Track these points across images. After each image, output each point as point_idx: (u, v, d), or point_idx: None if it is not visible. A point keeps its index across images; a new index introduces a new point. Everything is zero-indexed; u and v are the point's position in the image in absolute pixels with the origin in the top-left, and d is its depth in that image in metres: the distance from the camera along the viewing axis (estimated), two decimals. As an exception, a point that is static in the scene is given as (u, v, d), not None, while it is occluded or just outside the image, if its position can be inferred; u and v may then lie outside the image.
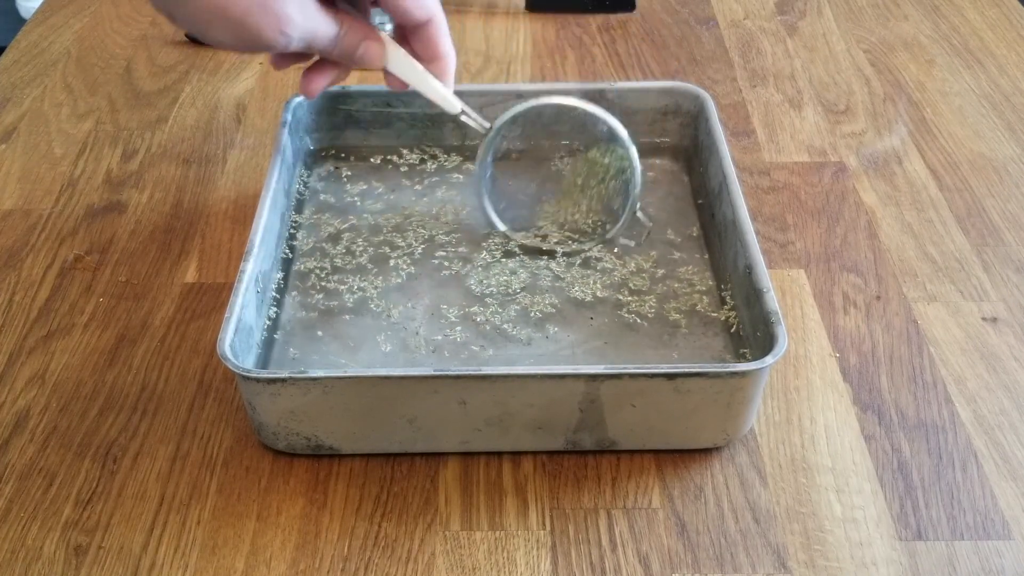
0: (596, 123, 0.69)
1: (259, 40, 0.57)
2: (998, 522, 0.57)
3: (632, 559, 0.55)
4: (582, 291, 0.68)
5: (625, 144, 0.69)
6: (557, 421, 0.58)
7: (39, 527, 0.57)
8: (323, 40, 0.60)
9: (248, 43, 0.57)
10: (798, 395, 0.64)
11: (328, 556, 0.55)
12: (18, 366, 0.66)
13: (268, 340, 0.65)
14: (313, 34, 0.59)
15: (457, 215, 0.75)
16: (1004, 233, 0.76)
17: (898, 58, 0.96)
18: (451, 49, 0.64)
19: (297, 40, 0.58)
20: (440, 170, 0.79)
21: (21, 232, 0.76)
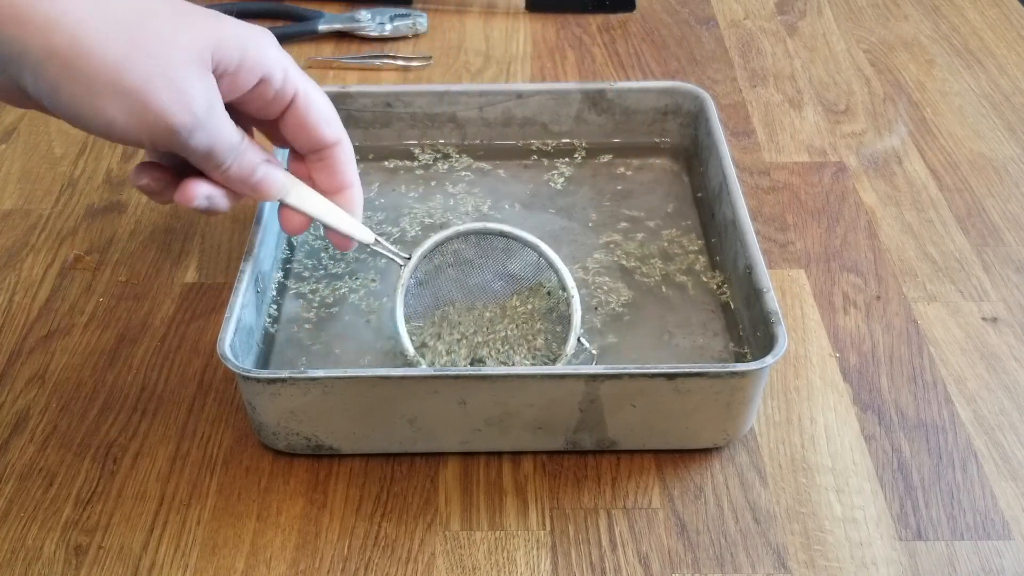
0: (523, 249, 0.63)
1: (160, 120, 0.48)
2: (998, 522, 0.57)
3: (632, 559, 0.55)
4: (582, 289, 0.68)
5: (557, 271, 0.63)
6: (557, 421, 0.58)
7: (39, 527, 0.57)
8: (225, 144, 0.51)
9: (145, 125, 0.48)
10: (798, 395, 0.64)
11: (328, 556, 0.55)
12: (18, 366, 0.66)
13: (268, 340, 0.65)
14: (218, 130, 0.51)
15: (456, 215, 0.75)
16: (1004, 233, 0.76)
17: (898, 58, 0.96)
18: (358, 177, 0.58)
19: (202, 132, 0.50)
20: (441, 169, 0.79)
21: (21, 232, 0.76)
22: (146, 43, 0.47)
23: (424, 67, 0.95)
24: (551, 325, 0.63)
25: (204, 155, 0.51)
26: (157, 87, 0.47)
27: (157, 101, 0.47)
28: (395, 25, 0.98)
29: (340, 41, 0.98)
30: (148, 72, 0.47)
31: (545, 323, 0.63)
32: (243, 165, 0.53)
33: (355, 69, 0.95)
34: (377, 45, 0.98)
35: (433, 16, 1.02)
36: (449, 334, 0.62)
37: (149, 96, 0.47)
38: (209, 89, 0.49)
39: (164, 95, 0.48)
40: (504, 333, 0.62)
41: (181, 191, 0.54)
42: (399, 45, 0.98)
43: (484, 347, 0.62)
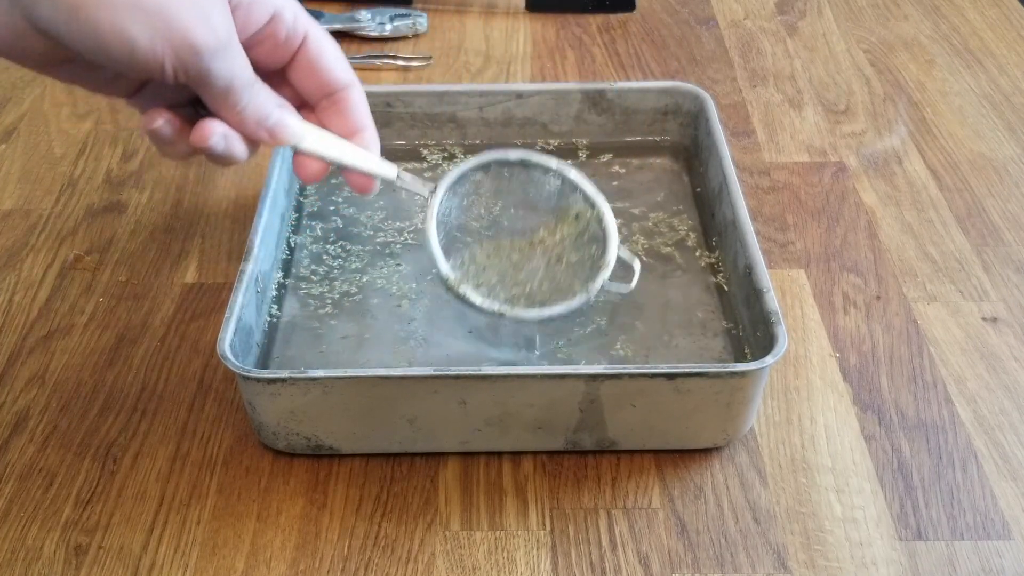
0: (548, 175, 0.62)
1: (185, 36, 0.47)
2: (998, 522, 0.57)
3: (632, 559, 0.55)
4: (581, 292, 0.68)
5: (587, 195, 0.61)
6: (557, 421, 0.58)
7: (39, 527, 0.57)
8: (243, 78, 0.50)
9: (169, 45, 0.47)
10: (798, 395, 0.64)
11: (328, 556, 0.55)
12: (18, 366, 0.66)
13: (268, 340, 0.65)
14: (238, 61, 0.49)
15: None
16: (1004, 233, 0.76)
17: (898, 58, 0.96)
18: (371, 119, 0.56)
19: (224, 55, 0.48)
20: (440, 169, 0.79)
21: (21, 232, 0.76)
22: None
23: (424, 67, 0.95)
24: (585, 249, 0.61)
25: (223, 88, 0.49)
26: (180, 5, 0.46)
27: (181, 19, 0.46)
28: (395, 25, 0.98)
29: (340, 41, 0.98)
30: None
31: (578, 251, 0.61)
32: (259, 106, 0.51)
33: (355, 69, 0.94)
34: (377, 45, 0.98)
35: (433, 16, 1.02)
36: (479, 279, 0.61)
37: (172, 13, 0.46)
38: (228, 17, 0.48)
39: (187, 13, 0.46)
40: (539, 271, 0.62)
41: (197, 129, 0.51)
42: (399, 45, 0.98)
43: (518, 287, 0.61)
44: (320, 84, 0.54)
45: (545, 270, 0.62)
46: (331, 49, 0.53)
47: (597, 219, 0.61)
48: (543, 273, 0.61)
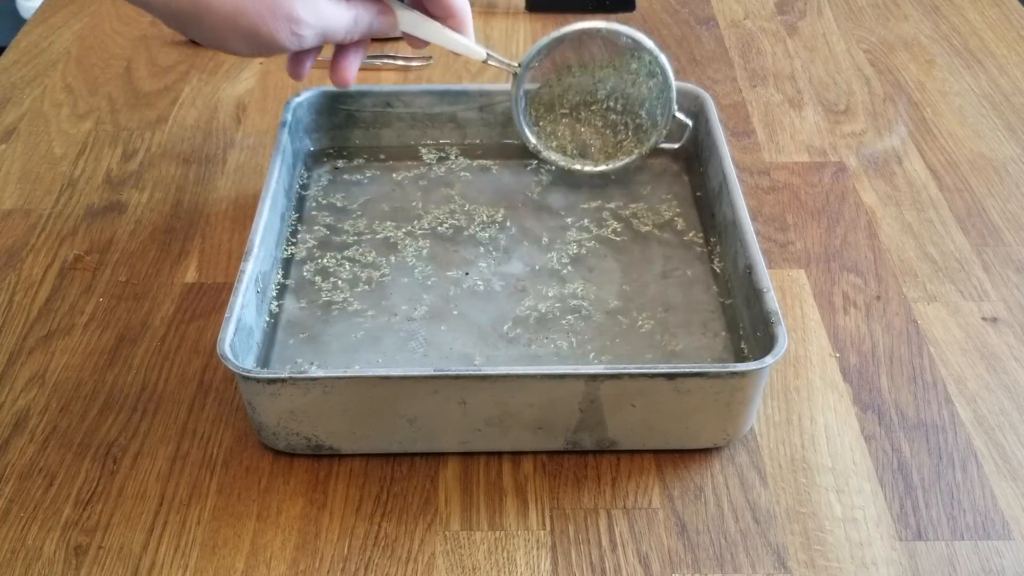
0: (620, 38, 0.71)
1: (274, 45, 0.59)
2: (998, 522, 0.57)
3: (632, 559, 0.55)
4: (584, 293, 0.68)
5: (652, 51, 0.71)
6: (557, 421, 0.58)
7: (39, 527, 0.57)
8: (338, 31, 0.62)
9: (265, 50, 0.59)
10: (798, 395, 0.64)
11: (328, 556, 0.55)
12: (18, 366, 0.66)
13: (268, 340, 0.65)
14: (325, 29, 0.61)
15: (458, 214, 0.75)
16: (1004, 233, 0.76)
17: (898, 58, 0.96)
18: (465, 3, 0.66)
19: (312, 38, 0.60)
20: (440, 170, 0.79)
21: (21, 232, 0.76)
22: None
23: (424, 67, 0.95)
24: (652, 89, 0.73)
25: (322, 43, 0.62)
26: (267, 23, 0.58)
27: (268, 34, 0.58)
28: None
29: (340, 41, 0.98)
30: (257, 13, 0.57)
31: (647, 85, 0.73)
32: (360, 30, 0.63)
33: (355, 69, 0.95)
34: (377, 45, 0.98)
35: (433, 16, 1.02)
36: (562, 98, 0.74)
37: (261, 32, 0.58)
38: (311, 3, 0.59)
39: (273, 27, 0.58)
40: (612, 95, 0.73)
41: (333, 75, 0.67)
42: (399, 45, 0.98)
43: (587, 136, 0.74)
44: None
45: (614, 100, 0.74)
46: None
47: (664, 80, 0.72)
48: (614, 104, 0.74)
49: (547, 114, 0.74)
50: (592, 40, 0.72)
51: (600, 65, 0.73)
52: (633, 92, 0.73)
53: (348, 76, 0.66)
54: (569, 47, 0.72)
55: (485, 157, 0.80)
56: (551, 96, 0.74)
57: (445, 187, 0.77)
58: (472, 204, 0.76)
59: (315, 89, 0.79)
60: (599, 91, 0.73)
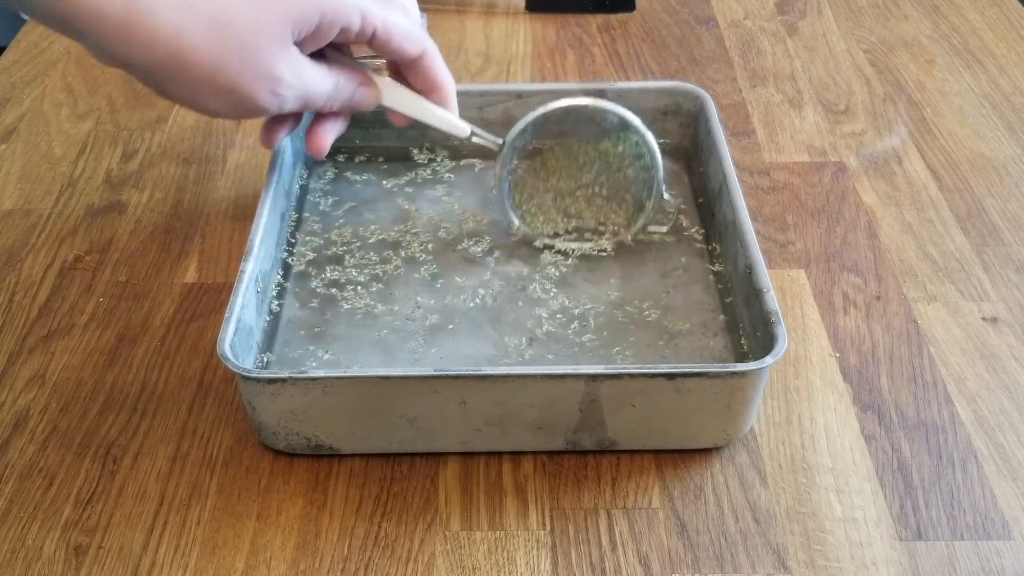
0: (606, 116, 0.69)
1: (253, 105, 0.56)
2: (998, 522, 0.57)
3: (632, 559, 0.55)
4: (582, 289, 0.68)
5: (639, 131, 0.69)
6: (557, 421, 0.58)
7: (39, 527, 0.57)
8: (319, 97, 0.60)
9: (243, 110, 0.56)
10: (798, 395, 0.64)
11: (328, 556, 0.55)
12: (18, 366, 0.66)
13: (268, 340, 0.65)
14: (307, 92, 0.58)
15: (458, 215, 0.75)
16: (1004, 233, 0.76)
17: (898, 58, 0.96)
18: (449, 76, 0.64)
19: (292, 100, 0.58)
20: (441, 170, 0.79)
21: (21, 232, 0.76)
22: (233, 41, 0.54)
23: (424, 67, 0.95)
24: (638, 172, 0.70)
25: (302, 108, 0.60)
26: (247, 81, 0.55)
27: (248, 93, 0.55)
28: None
29: (340, 41, 0.98)
30: (237, 70, 0.54)
31: (633, 169, 0.70)
32: (341, 99, 0.61)
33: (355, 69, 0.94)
34: (377, 45, 0.98)
35: (433, 16, 1.02)
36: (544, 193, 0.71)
37: (240, 90, 0.55)
38: (293, 62, 0.56)
39: (253, 86, 0.55)
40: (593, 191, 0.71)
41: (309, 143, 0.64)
42: (399, 45, 0.98)
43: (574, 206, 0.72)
44: (395, 59, 0.62)
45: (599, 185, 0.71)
46: (400, 32, 0.60)
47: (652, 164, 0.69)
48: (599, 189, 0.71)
49: (531, 197, 0.71)
50: (578, 117, 0.70)
51: (585, 147, 0.71)
52: (619, 176, 0.70)
53: (324, 144, 0.64)
54: (554, 124, 0.70)
55: (485, 157, 0.80)
56: (535, 179, 0.72)
57: (445, 187, 0.77)
58: (472, 204, 0.76)
59: (315, 89, 0.79)
60: (583, 175, 0.71)
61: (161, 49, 0.53)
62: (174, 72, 0.54)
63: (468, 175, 0.78)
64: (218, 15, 0.53)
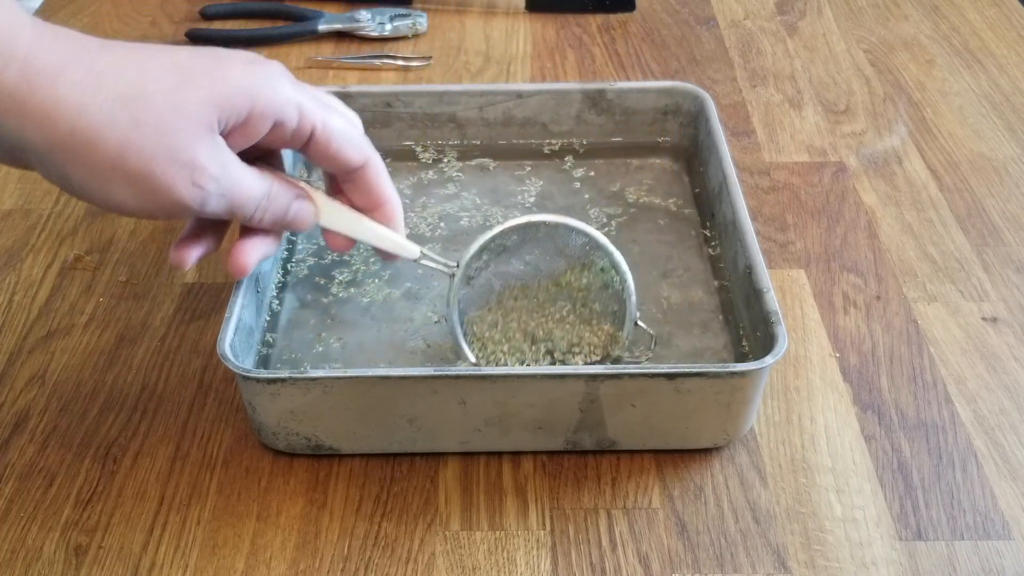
0: (570, 236, 0.61)
1: (170, 198, 0.47)
2: (998, 522, 0.57)
3: (632, 559, 0.55)
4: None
5: (606, 250, 0.61)
6: (557, 421, 0.58)
7: (39, 527, 0.57)
8: (248, 201, 0.51)
9: (158, 204, 0.48)
10: (798, 395, 0.64)
11: (328, 556, 0.55)
12: (18, 366, 0.66)
13: (268, 340, 0.65)
14: (233, 191, 0.50)
15: (457, 214, 0.75)
16: (1004, 233, 0.76)
17: (898, 58, 0.96)
18: (394, 191, 0.57)
19: (216, 198, 0.49)
20: (441, 170, 0.79)
21: (21, 232, 0.76)
22: (147, 119, 0.46)
23: (424, 67, 0.95)
24: (608, 303, 0.61)
25: (227, 214, 0.51)
26: (161, 167, 0.47)
27: (163, 181, 0.47)
28: (395, 25, 0.98)
29: (340, 41, 0.98)
30: (151, 152, 0.46)
31: (600, 301, 0.62)
32: (274, 211, 0.53)
33: (355, 69, 0.95)
34: (377, 45, 0.98)
35: (433, 16, 1.02)
36: (506, 322, 0.62)
37: (154, 177, 0.47)
38: (218, 153, 0.48)
39: (169, 173, 0.47)
40: (561, 315, 0.62)
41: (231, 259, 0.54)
42: (399, 45, 0.98)
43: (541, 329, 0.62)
44: (335, 166, 0.55)
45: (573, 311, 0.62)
46: (341, 135, 0.54)
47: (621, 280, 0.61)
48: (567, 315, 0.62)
49: (490, 330, 0.62)
50: (538, 237, 0.61)
51: (545, 283, 0.62)
52: (584, 311, 0.62)
53: (247, 262, 0.54)
54: (513, 244, 0.62)
55: (484, 157, 0.80)
56: (493, 316, 0.62)
57: (445, 187, 0.77)
58: (471, 204, 0.76)
59: (315, 89, 0.78)
60: (547, 307, 0.62)
61: (62, 126, 0.45)
62: (76, 153, 0.46)
63: (471, 175, 0.78)
64: (130, 92, 0.46)
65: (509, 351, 0.61)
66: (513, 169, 0.79)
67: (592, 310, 0.62)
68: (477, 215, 0.75)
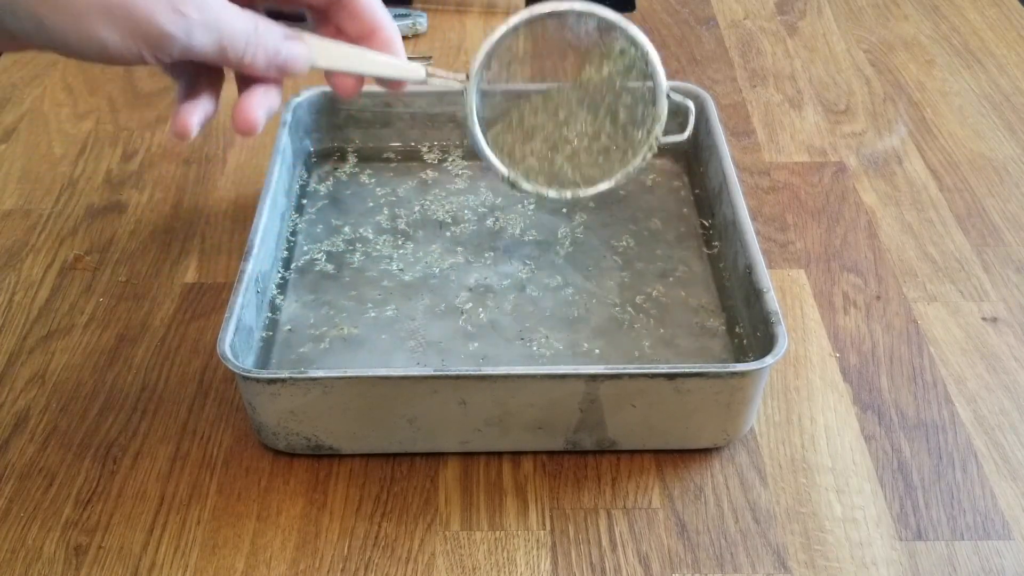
0: (579, 23, 0.57)
1: (152, 28, 0.45)
2: (998, 522, 0.57)
3: (632, 559, 0.55)
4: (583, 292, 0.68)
5: (623, 30, 0.57)
6: (557, 421, 0.58)
7: (39, 527, 0.57)
8: (237, 36, 0.48)
9: (141, 37, 0.45)
10: (798, 395, 0.64)
11: (328, 556, 0.55)
12: (18, 366, 0.66)
13: (268, 340, 0.65)
14: (219, 22, 0.47)
15: (457, 214, 0.75)
16: (1004, 233, 0.76)
17: (898, 58, 0.96)
18: (387, 15, 0.53)
19: (201, 28, 0.46)
20: (441, 170, 0.79)
21: (21, 232, 0.76)
22: None
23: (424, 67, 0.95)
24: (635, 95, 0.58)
25: (217, 53, 0.48)
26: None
27: (143, 8, 0.44)
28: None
29: (340, 41, 0.98)
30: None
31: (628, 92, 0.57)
32: (264, 50, 0.49)
33: (355, 69, 0.95)
34: (377, 45, 0.98)
35: (433, 16, 1.02)
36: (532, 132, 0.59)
37: (135, 6, 0.44)
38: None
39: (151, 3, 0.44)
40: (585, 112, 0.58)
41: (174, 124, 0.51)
42: (399, 45, 0.98)
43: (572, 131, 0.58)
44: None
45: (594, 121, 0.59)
46: None
47: (643, 58, 0.57)
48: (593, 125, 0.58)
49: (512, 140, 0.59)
50: (547, 37, 0.58)
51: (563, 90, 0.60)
52: (612, 97, 0.58)
53: (253, 118, 0.51)
54: (525, 40, 0.58)
55: (485, 157, 0.80)
56: (510, 118, 0.60)
57: (445, 187, 0.77)
58: (472, 204, 0.76)
59: (315, 89, 0.79)
60: (571, 101, 0.59)
61: None
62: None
63: (471, 174, 0.78)
64: None
65: (539, 166, 0.59)
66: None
67: (622, 103, 0.58)
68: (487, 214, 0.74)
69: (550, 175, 0.59)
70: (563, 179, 0.59)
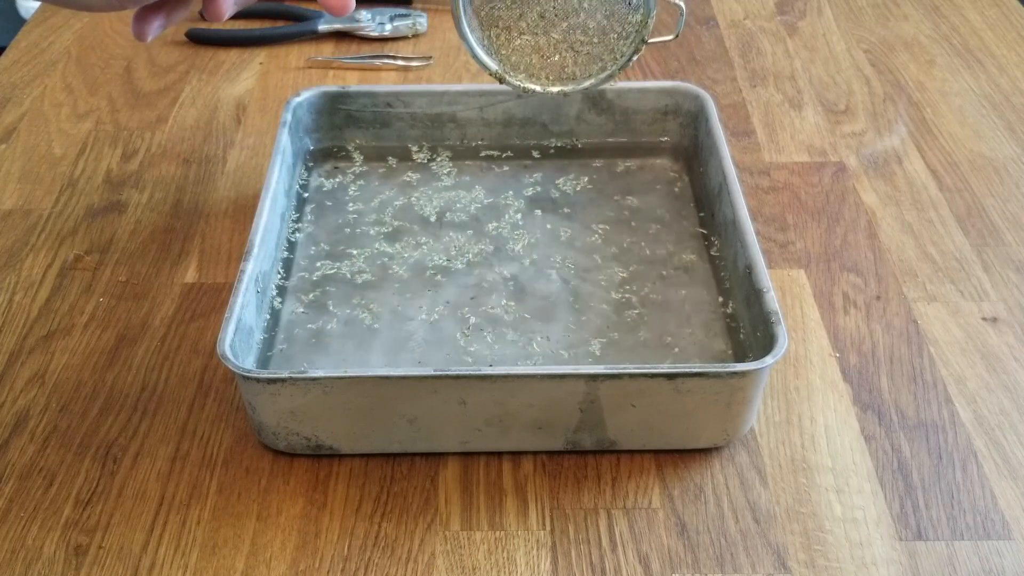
0: None
1: None
2: (998, 522, 0.57)
3: (632, 559, 0.55)
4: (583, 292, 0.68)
5: None
6: (557, 421, 0.58)
7: (39, 527, 0.57)
8: None
9: None
10: (798, 395, 0.64)
11: (328, 556, 0.55)
12: (18, 366, 0.66)
13: (268, 340, 0.65)
14: None
15: (458, 214, 0.75)
16: (1004, 233, 0.76)
17: (898, 58, 0.96)
18: None
19: None
20: (441, 170, 0.79)
21: (21, 232, 0.76)
22: None
23: (424, 67, 0.95)
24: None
25: None
26: None
27: None
28: (395, 25, 0.98)
29: (340, 41, 0.98)
30: None
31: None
32: None
33: (355, 69, 0.95)
34: (377, 45, 0.98)
35: (433, 16, 1.02)
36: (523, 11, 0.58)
37: None
38: None
39: None
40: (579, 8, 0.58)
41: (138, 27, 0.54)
42: (399, 45, 0.98)
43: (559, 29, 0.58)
44: None
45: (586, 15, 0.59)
46: None
47: None
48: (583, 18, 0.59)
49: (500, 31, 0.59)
50: None
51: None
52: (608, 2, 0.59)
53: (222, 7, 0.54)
54: None
55: (485, 157, 0.80)
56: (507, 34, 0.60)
57: (445, 186, 0.77)
58: (472, 203, 0.76)
59: (315, 89, 0.79)
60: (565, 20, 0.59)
61: None
62: None
63: (471, 174, 0.78)
64: None
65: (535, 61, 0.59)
66: (514, 168, 0.79)
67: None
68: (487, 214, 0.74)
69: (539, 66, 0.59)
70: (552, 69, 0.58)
